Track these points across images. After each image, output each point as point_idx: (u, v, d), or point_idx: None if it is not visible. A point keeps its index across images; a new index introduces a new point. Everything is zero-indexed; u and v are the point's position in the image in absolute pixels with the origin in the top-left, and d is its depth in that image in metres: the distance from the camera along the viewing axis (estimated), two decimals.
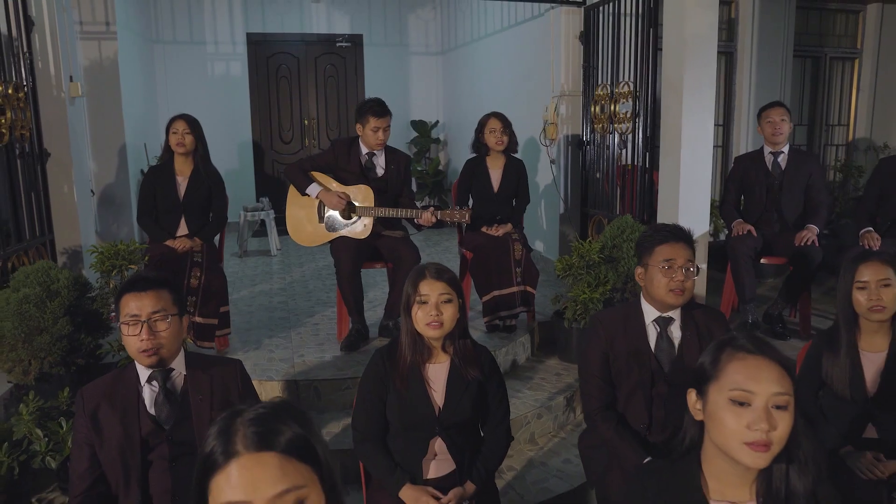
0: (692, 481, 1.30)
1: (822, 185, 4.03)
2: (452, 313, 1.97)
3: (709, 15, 3.81)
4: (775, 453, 1.20)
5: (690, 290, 2.16)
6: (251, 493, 0.88)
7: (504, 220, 4.01)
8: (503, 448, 2.12)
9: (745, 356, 1.24)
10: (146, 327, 1.84)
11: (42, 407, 2.79)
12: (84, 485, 1.87)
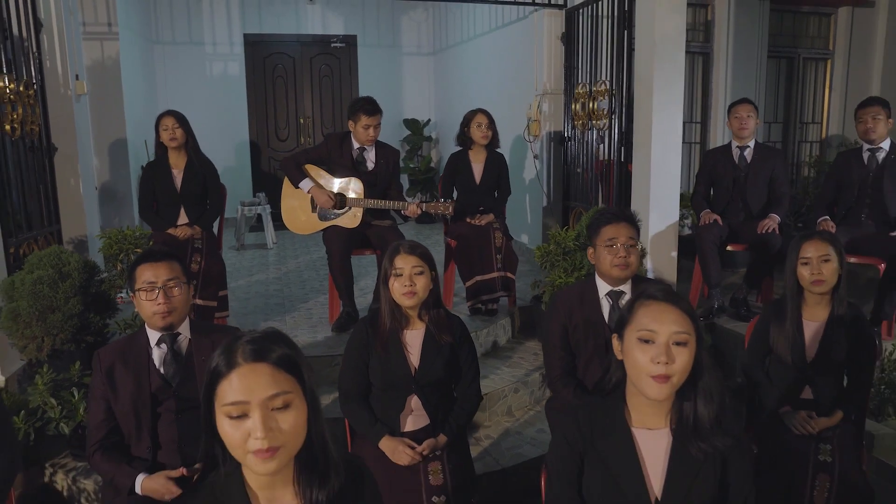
0: (617, 412, 1.56)
1: (784, 177, 4.29)
2: (425, 283, 2.23)
3: (677, 18, 4.07)
4: (676, 385, 1.45)
5: (634, 264, 2.41)
6: (248, 394, 1.13)
7: (486, 211, 4.26)
8: (473, 406, 2.37)
9: (651, 303, 1.49)
10: (162, 293, 2.09)
11: (55, 379, 3.04)
12: (100, 434, 2.11)
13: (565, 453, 1.57)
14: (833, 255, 2.45)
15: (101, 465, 2.08)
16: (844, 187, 4.08)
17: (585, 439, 1.55)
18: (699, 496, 1.48)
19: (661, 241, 4.25)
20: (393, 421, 2.27)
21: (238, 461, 1.19)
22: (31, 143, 4.14)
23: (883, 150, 3.98)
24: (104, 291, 3.42)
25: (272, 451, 1.13)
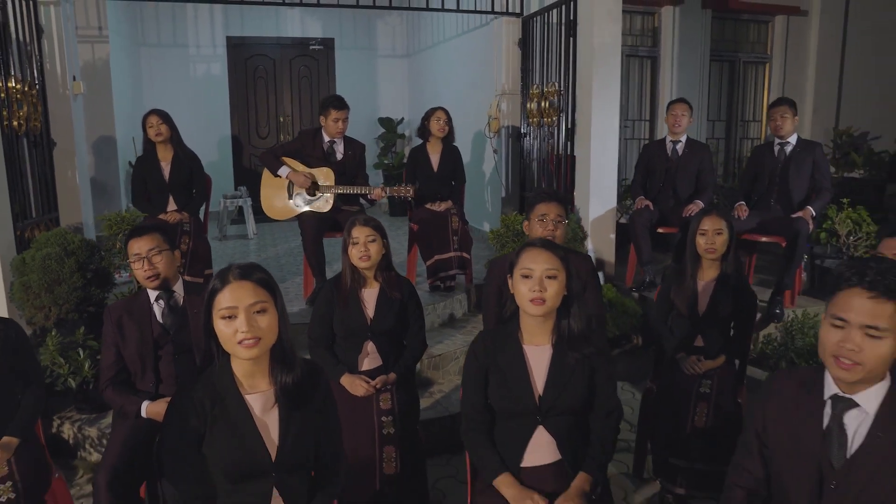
0: (512, 334, 2.07)
1: (710, 169, 4.84)
2: (377, 249, 2.73)
3: (613, 27, 4.61)
4: (549, 307, 1.96)
5: (560, 237, 2.92)
6: (236, 301, 1.62)
7: (444, 198, 4.77)
8: (418, 351, 2.88)
9: (531, 248, 2.00)
10: (147, 261, 2.58)
11: (62, 342, 3.50)
12: (111, 373, 2.59)
13: (475, 367, 2.08)
14: (725, 228, 2.98)
15: (113, 398, 2.56)
16: (759, 176, 4.63)
17: (489, 355, 2.06)
18: (572, 393, 2.00)
19: (601, 224, 4.79)
20: (352, 362, 2.77)
21: (229, 353, 1.68)
22: (33, 139, 4.58)
23: (790, 144, 4.53)
24: (104, 267, 3.88)
25: (254, 340, 1.62)
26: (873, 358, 1.47)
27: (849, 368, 1.49)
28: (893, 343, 1.47)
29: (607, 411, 2.05)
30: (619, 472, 3.29)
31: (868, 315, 1.45)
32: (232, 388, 1.71)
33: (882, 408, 1.53)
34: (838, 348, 1.49)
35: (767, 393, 1.71)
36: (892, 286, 1.46)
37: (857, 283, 1.48)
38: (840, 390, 1.57)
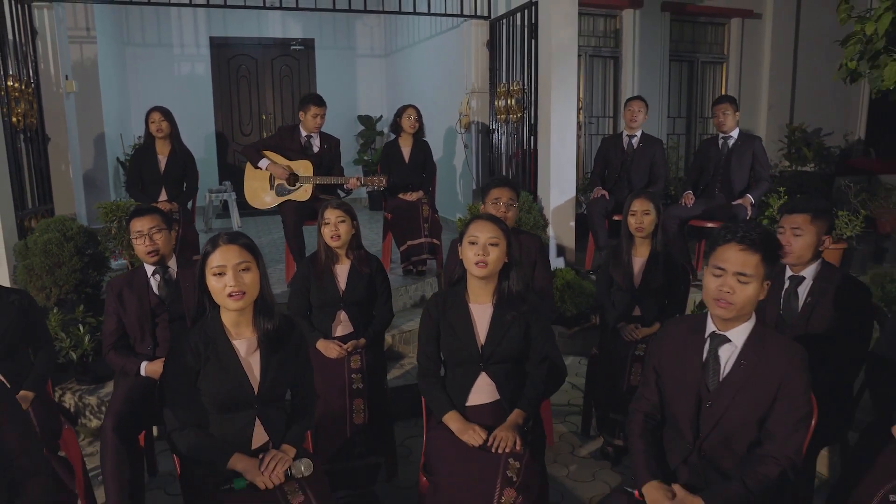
0: (460, 295, 2.44)
1: (662, 161, 5.24)
2: (347, 229, 3.09)
3: (570, 30, 4.99)
4: (491, 270, 2.32)
5: (511, 218, 3.30)
6: (225, 261, 1.98)
7: (416, 188, 5.13)
8: (386, 319, 3.24)
9: (478, 220, 2.37)
10: (147, 238, 2.92)
11: (63, 319, 3.83)
12: (113, 339, 2.93)
13: (429, 323, 2.45)
14: (652, 209, 3.37)
15: (115, 360, 2.90)
16: (705, 168, 5.04)
17: (440, 312, 2.43)
18: (509, 344, 2.37)
19: (561, 212, 5.17)
20: (327, 329, 3.13)
21: (219, 305, 2.04)
22: (29, 134, 4.89)
23: (732, 138, 4.95)
24: (100, 252, 4.21)
25: (240, 294, 1.98)
26: (742, 298, 1.85)
27: (725, 307, 1.87)
28: (757, 286, 1.86)
29: (539, 359, 2.42)
30: (569, 431, 3.67)
31: (739, 264, 1.84)
32: (221, 335, 2.07)
33: (747, 341, 1.91)
34: (717, 292, 1.88)
35: (663, 335, 2.10)
36: (756, 241, 1.85)
37: (731, 239, 1.88)
38: (717, 328, 1.95)
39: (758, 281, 1.84)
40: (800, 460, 1.84)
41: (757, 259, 1.83)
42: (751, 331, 1.92)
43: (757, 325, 1.94)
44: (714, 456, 1.90)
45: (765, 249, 1.84)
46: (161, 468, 3.31)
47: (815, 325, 2.60)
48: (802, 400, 1.84)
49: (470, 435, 2.21)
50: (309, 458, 2.07)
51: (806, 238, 2.60)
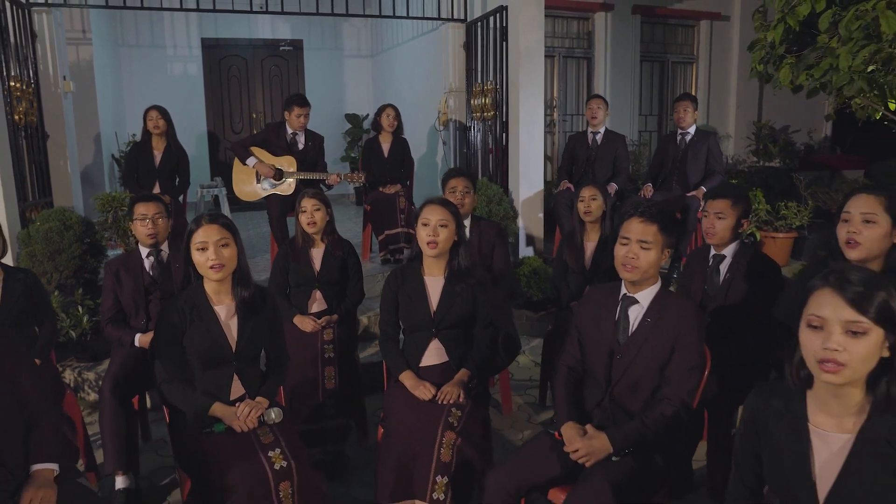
0: (416, 269, 2.77)
1: (625, 156, 5.59)
2: (321, 216, 3.42)
3: (537, 33, 5.33)
4: (441, 249, 2.65)
5: (468, 205, 3.64)
6: (207, 237, 2.31)
7: (394, 182, 5.47)
8: (357, 298, 3.57)
9: (429, 204, 2.70)
10: (150, 221, 3.24)
11: (63, 301, 4.15)
12: (110, 314, 3.25)
13: (389, 294, 2.79)
14: (599, 195, 3.71)
15: (112, 332, 3.22)
16: (664, 162, 5.39)
17: (399, 285, 2.77)
18: (457, 312, 2.71)
19: (530, 204, 5.51)
20: (303, 306, 3.46)
21: (202, 275, 2.37)
22: (30, 132, 5.20)
23: (689, 134, 5.30)
24: (97, 240, 4.53)
25: (219, 266, 2.31)
26: (645, 263, 2.19)
27: (631, 270, 2.21)
28: (658, 252, 2.20)
29: (484, 325, 2.77)
30: (527, 402, 4.01)
31: (640, 233, 2.19)
32: (204, 301, 2.40)
33: (652, 302, 2.25)
34: (624, 258, 2.22)
35: (584, 300, 2.44)
36: (654, 214, 2.20)
37: (633, 213, 2.22)
38: (627, 292, 2.29)
39: (657, 248, 2.18)
40: (692, 402, 2.18)
41: (655, 228, 2.17)
42: (656, 294, 2.27)
43: (661, 290, 2.28)
44: (623, 400, 2.24)
45: (661, 221, 2.18)
46: (153, 435, 3.64)
47: (733, 298, 2.94)
48: (695, 351, 2.18)
49: (421, 390, 2.55)
50: (280, 409, 2.40)
51: (727, 221, 2.95)
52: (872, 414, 1.49)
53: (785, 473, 1.56)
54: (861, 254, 2.28)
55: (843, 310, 1.43)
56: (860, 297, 1.42)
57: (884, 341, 1.44)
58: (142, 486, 3.07)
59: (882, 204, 2.27)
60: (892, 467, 1.45)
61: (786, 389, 1.60)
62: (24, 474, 1.95)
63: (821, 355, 1.44)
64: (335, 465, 3.16)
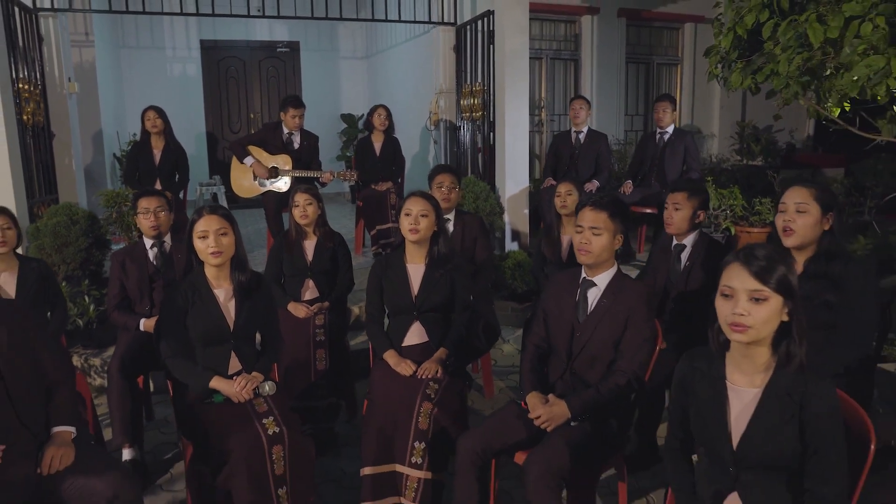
0: (399, 257, 3.01)
1: (607, 154, 5.83)
2: (313, 210, 3.66)
3: (522, 37, 5.57)
4: (422, 237, 2.89)
5: (453, 200, 3.88)
6: (207, 227, 2.55)
7: (385, 179, 5.71)
8: (346, 287, 3.81)
9: (412, 196, 2.94)
10: (153, 214, 3.48)
11: (71, 291, 4.39)
12: (116, 301, 3.49)
13: (375, 280, 3.04)
14: (574, 191, 3.95)
15: (118, 318, 3.46)
16: (643, 160, 5.64)
17: (384, 271, 3.02)
18: (436, 295, 2.95)
19: (516, 201, 5.76)
20: (296, 294, 3.70)
21: (203, 261, 2.61)
22: (37, 131, 5.44)
23: (668, 133, 5.54)
24: (102, 234, 4.77)
25: (219, 252, 2.55)
26: (598, 247, 2.43)
27: (585, 255, 2.46)
28: (609, 237, 2.44)
29: (462, 308, 3.01)
30: (508, 386, 4.25)
31: (591, 220, 2.43)
32: (205, 285, 2.64)
33: (608, 285, 2.50)
34: (579, 244, 2.47)
35: (549, 284, 2.68)
36: (604, 202, 2.44)
37: (586, 203, 2.46)
38: (587, 276, 2.54)
39: (609, 233, 2.43)
40: (643, 373, 2.43)
41: (605, 215, 2.42)
42: (612, 277, 2.51)
43: (617, 273, 2.52)
44: (582, 372, 2.48)
45: (610, 208, 2.42)
46: (157, 415, 3.88)
47: (693, 284, 3.19)
48: (645, 327, 2.42)
49: (402, 367, 2.80)
50: (273, 383, 2.64)
51: (684, 211, 3.19)
52: (776, 370, 1.74)
53: (706, 424, 1.81)
54: (796, 240, 2.54)
55: (748, 280, 1.68)
56: (763, 271, 1.67)
57: (783, 307, 1.69)
58: (146, 460, 3.31)
59: (813, 195, 2.53)
60: (790, 414, 1.69)
61: (708, 353, 1.85)
62: (45, 436, 2.19)
63: (730, 319, 1.69)
64: (326, 440, 3.41)
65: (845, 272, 2.50)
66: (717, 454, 1.80)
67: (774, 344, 1.74)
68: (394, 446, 2.59)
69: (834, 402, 1.70)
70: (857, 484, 1.75)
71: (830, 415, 1.68)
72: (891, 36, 2.26)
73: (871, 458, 1.75)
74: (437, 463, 2.58)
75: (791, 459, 1.71)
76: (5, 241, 3.20)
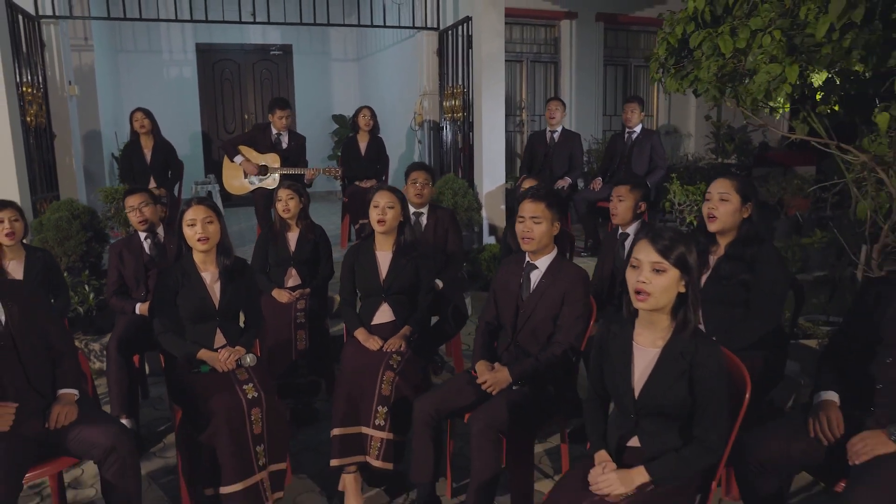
0: (370, 246, 3.33)
1: (579, 153, 6.16)
2: (295, 204, 3.99)
3: (497, 42, 5.90)
4: (389, 227, 3.21)
5: (426, 196, 4.20)
6: (196, 215, 2.88)
7: (370, 177, 6.04)
8: (327, 275, 4.13)
9: (379, 190, 3.26)
10: (138, 211, 3.81)
11: (72, 282, 4.71)
12: (114, 287, 3.81)
13: (347, 266, 3.36)
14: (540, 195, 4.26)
15: (116, 303, 3.79)
16: (614, 157, 5.97)
17: (356, 259, 3.34)
18: (402, 280, 3.27)
19: (493, 197, 6.09)
20: (280, 281, 4.03)
21: (191, 247, 2.93)
22: (39, 132, 5.77)
23: (636, 132, 5.88)
24: (101, 229, 5.10)
25: (205, 239, 2.88)
26: (538, 234, 2.76)
27: (528, 242, 2.78)
28: (548, 225, 2.76)
29: (425, 291, 3.34)
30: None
31: (531, 211, 2.75)
32: (193, 268, 2.97)
33: (548, 267, 2.82)
34: (521, 232, 2.79)
35: (499, 269, 3.01)
36: (541, 194, 2.76)
37: (526, 195, 2.79)
38: (530, 260, 2.86)
39: (547, 221, 2.75)
40: (579, 345, 2.75)
41: (543, 205, 2.74)
42: (552, 260, 2.84)
43: (557, 256, 2.85)
44: (525, 344, 2.81)
45: (547, 199, 2.74)
46: (151, 395, 4.22)
47: None
48: (580, 304, 2.75)
49: (371, 342, 3.13)
50: (254, 356, 2.97)
51: (626, 203, 3.52)
52: (674, 334, 2.06)
53: (615, 379, 2.13)
54: (718, 226, 2.87)
55: (652, 254, 2.00)
56: (665, 248, 1.99)
57: (680, 280, 2.01)
58: (141, 432, 3.64)
59: (734, 186, 2.86)
60: (682, 371, 2.02)
61: (622, 319, 2.17)
62: (52, 397, 2.52)
63: (635, 287, 2.01)
64: (306, 414, 3.74)
65: (759, 255, 2.83)
66: (622, 404, 2.12)
67: (674, 312, 2.06)
68: (360, 410, 2.92)
69: (719, 363, 2.02)
70: (733, 427, 2.08)
71: (715, 374, 2.01)
72: (788, 47, 2.59)
73: (745, 405, 2.08)
74: (399, 426, 2.90)
75: (682, 409, 2.04)
76: (13, 232, 3.53)
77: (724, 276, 2.88)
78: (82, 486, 3.16)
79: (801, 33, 2.53)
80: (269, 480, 2.75)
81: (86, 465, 3.29)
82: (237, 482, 2.63)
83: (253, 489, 2.67)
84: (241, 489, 2.63)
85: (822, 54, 2.45)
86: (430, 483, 2.77)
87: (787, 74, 2.54)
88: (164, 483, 3.19)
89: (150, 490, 3.10)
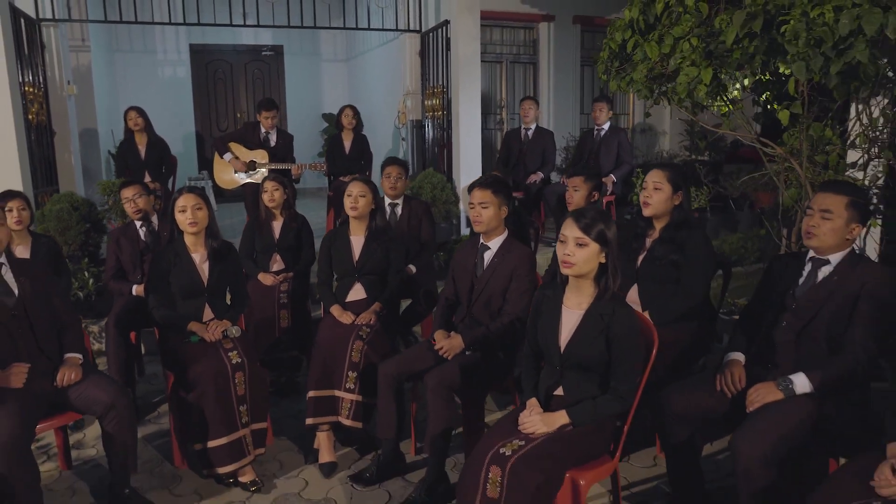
0: (345, 231, 3.68)
1: (552, 149, 6.52)
2: (280, 195, 4.34)
3: (473, 44, 6.25)
4: (361, 213, 3.57)
5: (400, 189, 4.55)
6: (185, 202, 3.22)
7: (354, 173, 6.38)
8: (309, 260, 4.47)
9: (352, 181, 3.62)
10: (132, 202, 4.15)
11: (72, 269, 5.05)
12: (112, 272, 4.16)
13: (324, 250, 3.71)
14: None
15: (114, 285, 4.13)
16: (583, 154, 6.33)
17: (332, 243, 3.69)
18: (374, 262, 3.63)
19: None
20: (265, 266, 4.38)
21: (182, 231, 3.28)
22: (40, 130, 6.10)
23: (604, 130, 6.24)
24: (99, 220, 5.44)
25: (195, 223, 3.23)
26: (486, 218, 3.11)
27: (478, 225, 3.13)
28: (496, 209, 3.11)
29: (395, 272, 3.69)
30: None
31: (479, 197, 3.10)
32: (184, 250, 3.32)
33: (499, 248, 3.17)
34: (472, 217, 3.14)
35: (457, 250, 3.37)
36: (488, 182, 3.12)
37: (475, 185, 3.14)
38: (483, 242, 3.22)
39: (494, 206, 3.10)
40: (525, 315, 3.10)
41: (489, 192, 3.09)
42: (502, 241, 3.19)
43: (507, 238, 3.20)
44: (478, 316, 3.16)
45: (493, 186, 3.10)
46: (147, 372, 4.56)
47: None
48: (526, 280, 3.10)
49: (344, 317, 3.48)
50: (239, 328, 3.32)
51: (581, 192, 3.88)
52: (596, 298, 2.42)
53: (546, 336, 2.48)
54: (651, 211, 3.23)
55: (575, 231, 2.35)
56: (586, 225, 2.35)
57: (600, 252, 2.36)
58: (138, 403, 3.99)
59: (666, 176, 3.21)
60: (600, 330, 2.37)
61: (555, 285, 2.52)
62: (59, 360, 2.87)
63: (562, 258, 2.36)
64: (288, 386, 4.10)
65: (689, 238, 3.19)
66: (550, 358, 2.48)
67: (597, 280, 2.42)
68: (333, 375, 3.27)
69: (633, 324, 2.37)
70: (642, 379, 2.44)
71: (629, 334, 2.36)
72: (704, 53, 2.95)
73: (652, 359, 2.44)
74: (367, 389, 3.25)
75: (600, 363, 2.39)
76: (21, 219, 3.87)
77: (658, 256, 3.23)
78: (84, 447, 3.51)
79: (716, 40, 2.89)
80: (251, 437, 3.10)
81: (88, 429, 3.65)
82: (222, 436, 2.98)
83: (236, 443, 3.02)
84: (226, 442, 2.98)
85: (732, 59, 2.81)
86: (393, 439, 3.12)
87: (702, 76, 2.90)
88: (157, 444, 3.54)
89: (145, 450, 3.45)
